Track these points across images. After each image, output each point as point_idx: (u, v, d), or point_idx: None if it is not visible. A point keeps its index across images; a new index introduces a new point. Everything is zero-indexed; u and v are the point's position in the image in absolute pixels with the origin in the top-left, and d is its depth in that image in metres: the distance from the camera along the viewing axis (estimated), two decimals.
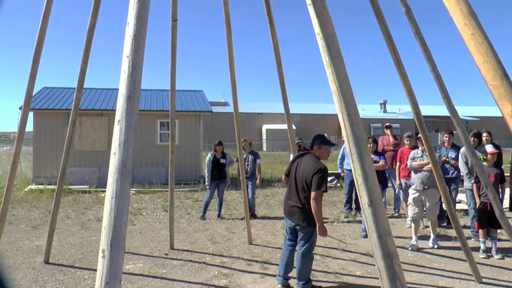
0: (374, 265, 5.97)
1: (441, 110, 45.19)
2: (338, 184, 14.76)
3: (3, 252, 6.82)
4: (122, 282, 5.50)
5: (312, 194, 4.83)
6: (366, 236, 7.70)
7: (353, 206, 9.83)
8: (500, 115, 2.24)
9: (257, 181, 10.20)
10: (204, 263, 6.42)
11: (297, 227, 5.12)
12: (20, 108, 15.80)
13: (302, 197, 5.02)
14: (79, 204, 11.77)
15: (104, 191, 14.17)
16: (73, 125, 5.91)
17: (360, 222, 8.70)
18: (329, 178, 14.77)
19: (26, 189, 14.23)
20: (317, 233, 4.97)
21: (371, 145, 7.75)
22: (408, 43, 38.33)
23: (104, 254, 2.04)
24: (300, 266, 5.07)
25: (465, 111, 52.37)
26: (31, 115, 16.01)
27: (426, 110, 38.73)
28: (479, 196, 6.75)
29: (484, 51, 2.28)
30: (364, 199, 2.25)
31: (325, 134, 5.50)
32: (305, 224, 5.00)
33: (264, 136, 49.29)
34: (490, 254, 6.59)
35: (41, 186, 14.13)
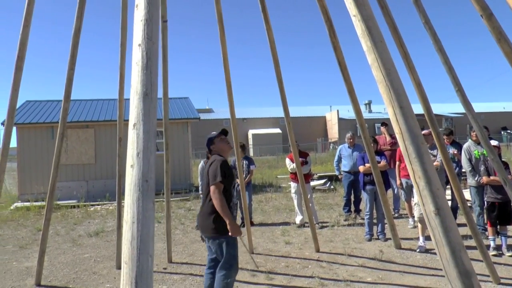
0: (384, 270, 5.79)
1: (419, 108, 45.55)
2: (332, 187, 14.53)
3: None
4: None
5: (211, 189, 4.14)
6: (370, 240, 7.47)
7: (352, 208, 9.60)
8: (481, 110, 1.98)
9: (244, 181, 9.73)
10: None
11: (210, 241, 4.32)
12: (2, 124, 15.28)
13: (208, 202, 4.30)
14: (68, 220, 11.30)
15: (93, 205, 13.74)
16: (61, 138, 5.53)
17: (361, 225, 8.46)
18: (322, 181, 14.55)
19: (11, 207, 13.66)
20: (229, 232, 4.12)
21: (372, 145, 7.51)
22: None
23: None
24: None
25: (448, 108, 52.93)
26: (14, 130, 15.49)
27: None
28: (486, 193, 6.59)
29: None
30: (429, 207, 1.90)
31: (214, 132, 4.71)
32: (216, 234, 4.21)
33: (250, 141, 48.99)
34: (500, 252, 6.40)
35: (27, 204, 13.57)
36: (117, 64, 5.74)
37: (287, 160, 9.40)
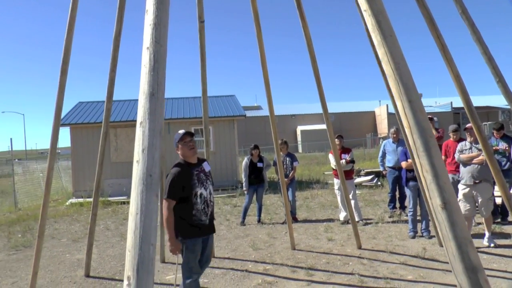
0: (426, 268, 5.65)
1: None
2: (379, 183, 14.26)
3: (46, 267, 6.81)
4: None
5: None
6: (414, 237, 7.30)
7: (397, 205, 9.40)
8: None
9: (287, 179, 9.71)
10: (246, 271, 6.20)
11: None
12: None
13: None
14: (118, 216, 11.80)
15: None
16: (105, 137, 5.79)
17: (406, 222, 8.27)
18: (369, 177, 14.31)
19: (67, 203, 14.45)
20: (169, 248, 4.19)
21: None
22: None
23: (129, 281, 1.74)
24: None
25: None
26: (68, 130, 16.30)
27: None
28: None
29: None
30: (435, 201, 1.89)
31: (180, 131, 4.51)
32: (179, 236, 4.27)
33: (299, 138, 48.84)
34: None
35: (81, 200, 14.34)
36: None
37: (330, 156, 9.33)
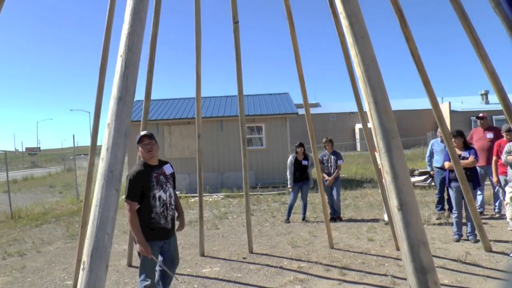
0: (466, 273, 5.43)
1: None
2: (432, 183, 13.73)
3: None
4: (196, 286, 5.55)
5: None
6: (458, 240, 7.02)
7: (446, 206, 9.04)
8: None
9: (331, 177, 9.59)
10: (281, 267, 6.26)
11: None
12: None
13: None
14: None
15: (194, 197, 14.63)
16: None
17: (452, 224, 7.96)
18: (422, 177, 13.83)
19: (122, 197, 15.12)
20: (137, 249, 4.06)
21: (454, 140, 6.89)
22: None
23: (84, 266, 1.90)
24: None
25: None
26: None
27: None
28: None
29: None
30: (393, 202, 1.90)
31: (143, 132, 4.41)
32: (134, 240, 4.17)
33: (357, 136, 47.97)
34: None
35: None
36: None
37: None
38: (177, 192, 14.32)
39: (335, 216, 9.53)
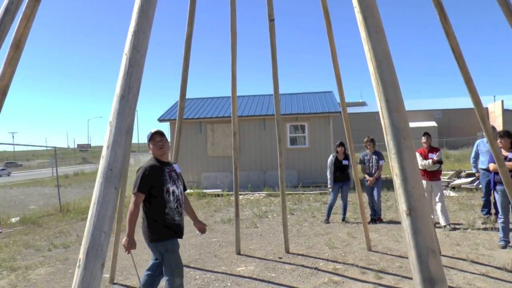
0: (510, 282, 5.15)
1: None
2: (480, 186, 13.15)
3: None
4: (229, 284, 5.59)
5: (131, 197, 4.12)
6: (505, 247, 6.69)
7: (493, 210, 8.64)
8: None
9: (372, 178, 9.38)
10: (316, 268, 6.20)
11: (150, 247, 4.25)
12: (158, 120, 17.40)
13: (142, 208, 4.22)
14: (211, 207, 12.40)
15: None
16: (179, 132, 6.14)
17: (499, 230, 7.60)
18: (469, 179, 13.28)
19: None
20: (123, 243, 4.02)
21: (500, 140, 6.57)
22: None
23: (79, 263, 1.94)
24: None
25: None
26: (167, 125, 17.52)
27: None
28: None
29: None
30: (401, 206, 1.81)
31: (153, 130, 4.39)
32: (153, 241, 4.14)
33: None
34: None
35: None
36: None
37: (418, 155, 8.86)
38: (218, 190, 14.29)
39: (376, 218, 9.33)
